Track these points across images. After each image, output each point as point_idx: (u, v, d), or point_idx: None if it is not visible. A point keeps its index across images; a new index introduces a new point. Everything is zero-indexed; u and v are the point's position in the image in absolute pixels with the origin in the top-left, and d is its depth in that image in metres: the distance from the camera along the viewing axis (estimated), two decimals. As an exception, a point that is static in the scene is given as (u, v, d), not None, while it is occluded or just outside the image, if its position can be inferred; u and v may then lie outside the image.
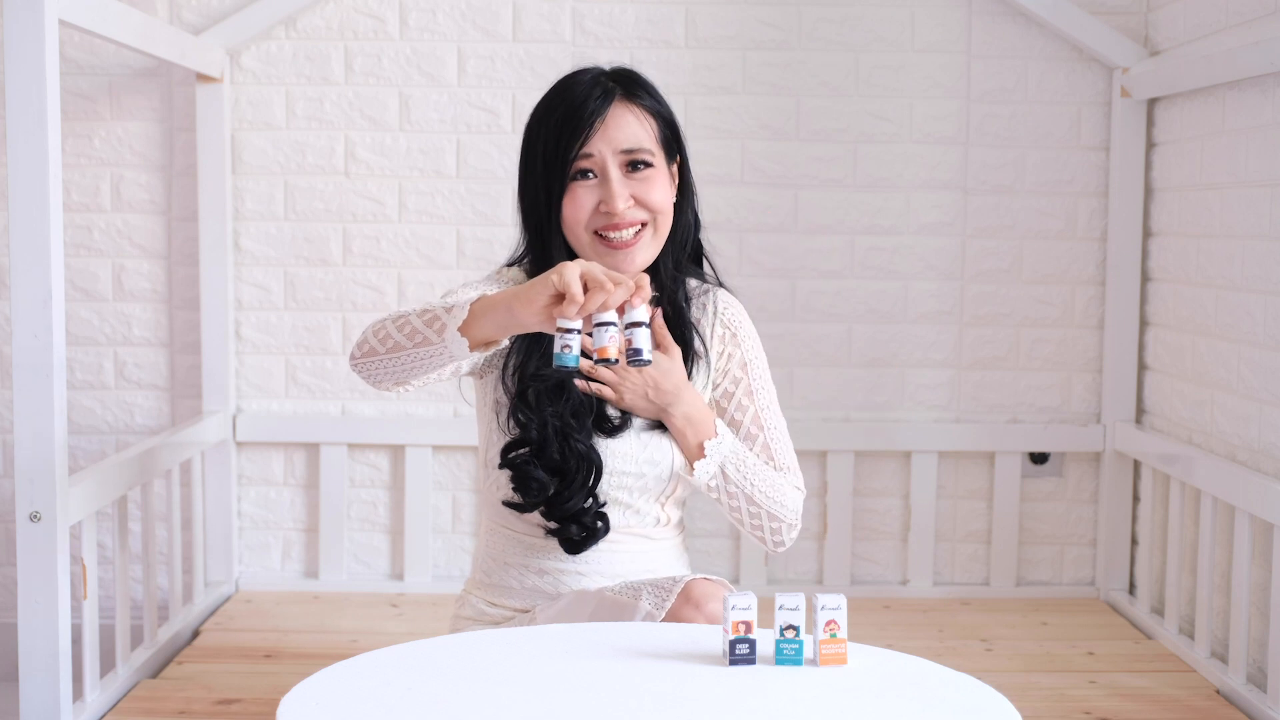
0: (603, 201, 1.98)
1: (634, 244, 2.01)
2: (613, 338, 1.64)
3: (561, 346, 1.64)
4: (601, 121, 1.98)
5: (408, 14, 3.29)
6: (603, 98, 2.00)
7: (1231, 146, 2.86)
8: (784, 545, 2.12)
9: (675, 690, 1.61)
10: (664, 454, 2.07)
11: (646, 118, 2.03)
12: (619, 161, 1.99)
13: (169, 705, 2.59)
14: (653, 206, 2.01)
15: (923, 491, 3.36)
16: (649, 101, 2.04)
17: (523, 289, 1.70)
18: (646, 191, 2.00)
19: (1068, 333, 3.37)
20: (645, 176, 2.01)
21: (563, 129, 1.98)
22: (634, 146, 2.00)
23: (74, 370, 3.35)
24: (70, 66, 3.28)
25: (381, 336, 1.85)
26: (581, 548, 2.05)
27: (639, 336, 1.65)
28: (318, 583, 3.36)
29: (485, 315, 1.75)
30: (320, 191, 3.32)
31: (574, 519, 2.03)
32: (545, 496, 2.02)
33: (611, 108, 2.00)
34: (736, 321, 2.16)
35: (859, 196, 3.33)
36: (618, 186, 1.98)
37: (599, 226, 2.00)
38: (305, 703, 1.57)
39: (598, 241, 2.00)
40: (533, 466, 2.01)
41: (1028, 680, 2.76)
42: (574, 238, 2.01)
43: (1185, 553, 3.03)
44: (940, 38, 3.31)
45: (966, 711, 1.58)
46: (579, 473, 2.01)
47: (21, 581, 2.29)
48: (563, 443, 2.00)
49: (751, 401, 2.13)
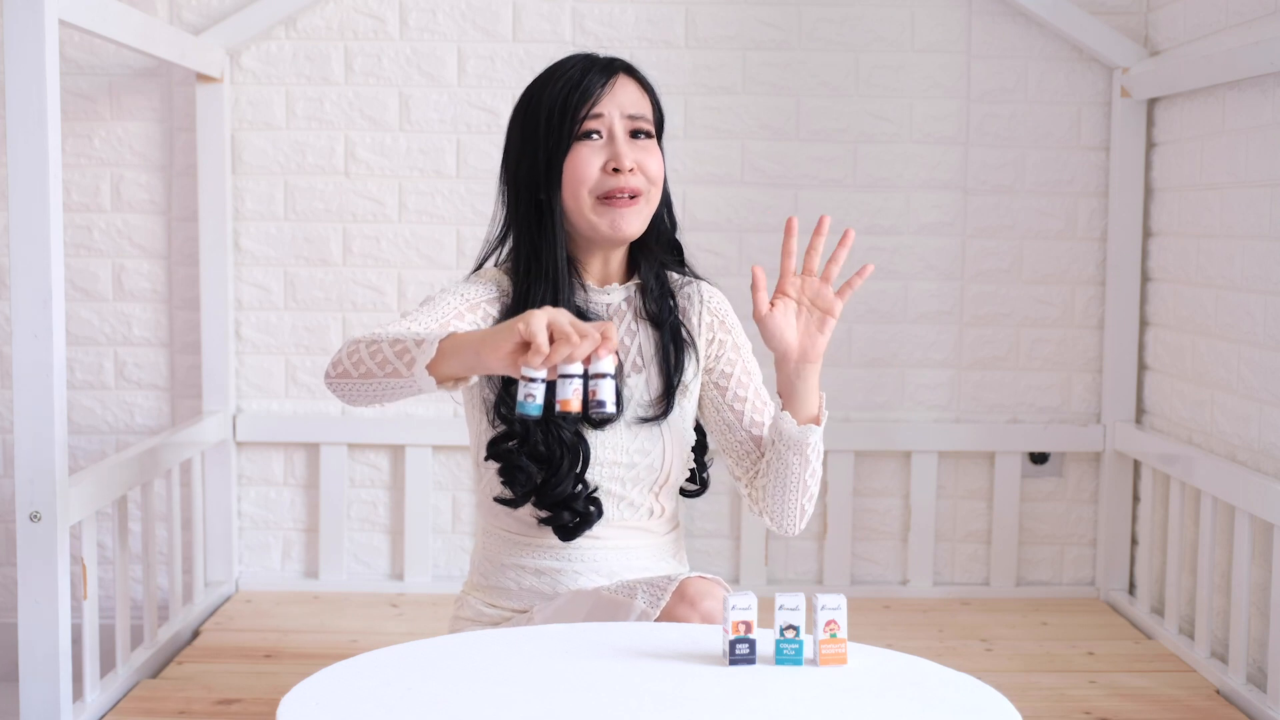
0: (610, 160, 2.01)
1: (633, 206, 2.03)
2: (576, 390, 1.63)
3: (525, 395, 1.64)
4: (611, 85, 2.03)
5: (408, 14, 3.29)
6: (607, 67, 2.06)
7: (1231, 146, 2.86)
8: (799, 529, 2.15)
9: (675, 690, 1.61)
10: (654, 443, 2.08)
11: (645, 94, 2.09)
12: (625, 126, 2.03)
13: (169, 705, 2.59)
14: (650, 175, 2.05)
15: (923, 491, 3.36)
16: (644, 80, 2.11)
17: (490, 334, 1.70)
18: (646, 159, 2.04)
19: (1068, 333, 3.37)
20: (645, 145, 2.05)
21: (571, 92, 2.02)
22: (638, 113, 2.05)
23: (74, 370, 3.35)
24: (70, 66, 3.28)
25: (355, 360, 1.84)
26: (575, 534, 2.06)
27: (603, 388, 1.64)
28: (318, 583, 3.36)
29: (453, 355, 1.74)
30: (320, 191, 3.32)
31: (565, 505, 2.04)
32: (533, 486, 2.03)
33: (617, 77, 2.05)
34: (723, 310, 2.20)
35: (859, 196, 3.33)
36: (624, 146, 2.02)
37: (605, 189, 2.02)
38: (305, 703, 1.57)
39: (599, 203, 2.02)
40: (519, 456, 2.02)
41: (1028, 680, 2.76)
42: (575, 202, 2.02)
43: (1185, 553, 3.03)
44: (940, 38, 3.31)
45: (966, 711, 1.58)
46: (564, 459, 2.02)
47: (21, 581, 2.29)
48: (547, 432, 2.01)
49: (750, 379, 2.18)
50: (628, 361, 2.10)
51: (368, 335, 1.86)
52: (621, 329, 2.11)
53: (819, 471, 2.10)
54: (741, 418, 2.15)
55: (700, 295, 2.18)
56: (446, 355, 1.75)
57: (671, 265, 2.18)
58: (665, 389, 2.10)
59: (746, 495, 2.18)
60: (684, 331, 2.14)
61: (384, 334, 1.85)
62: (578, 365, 1.63)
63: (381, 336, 1.84)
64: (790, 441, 2.06)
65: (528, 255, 2.06)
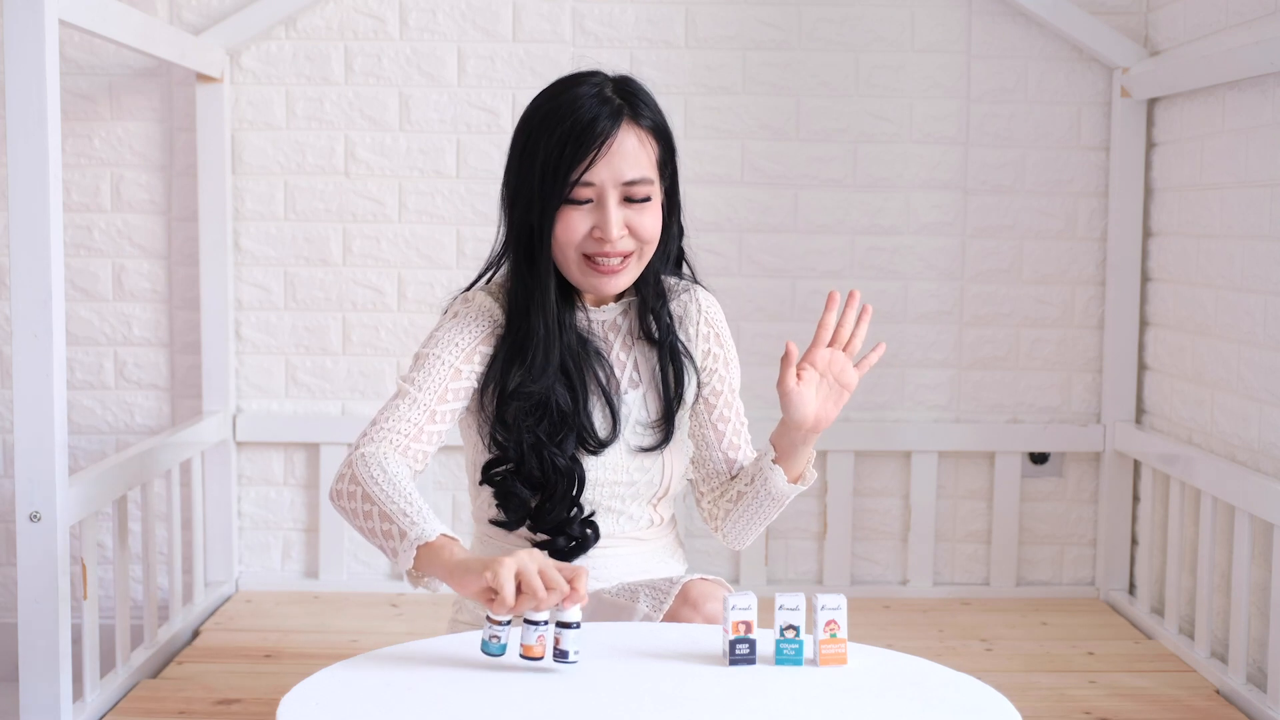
0: (597, 227, 1.96)
1: (620, 270, 1.99)
2: (541, 638, 1.66)
3: (490, 636, 1.67)
4: (608, 146, 1.94)
5: (408, 14, 3.29)
6: (612, 118, 1.95)
7: (1231, 146, 2.86)
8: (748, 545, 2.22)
9: (675, 690, 1.61)
10: (654, 461, 2.06)
11: (648, 139, 1.99)
12: (619, 193, 1.96)
13: (169, 705, 2.59)
14: (644, 238, 1.99)
15: (923, 491, 3.36)
16: (650, 120, 2.01)
17: (461, 568, 1.71)
18: (640, 222, 1.97)
19: (1068, 333, 3.37)
20: (641, 209, 1.98)
21: (566, 146, 1.94)
22: (636, 178, 1.96)
23: (74, 370, 3.35)
24: (70, 66, 3.28)
25: (352, 507, 1.87)
26: (571, 558, 2.04)
27: (568, 638, 1.66)
28: (318, 583, 3.36)
29: (429, 564, 1.76)
30: (320, 191, 3.32)
31: (560, 530, 2.02)
32: (528, 512, 2.02)
33: (619, 131, 1.95)
34: (719, 322, 2.17)
35: (859, 196, 3.33)
36: (614, 215, 1.95)
37: (589, 250, 1.97)
38: (305, 703, 1.57)
39: (585, 263, 1.98)
40: (513, 483, 2.01)
41: (1028, 680, 2.76)
42: (562, 256, 1.98)
43: (1185, 553, 3.03)
44: (940, 38, 3.31)
45: (966, 711, 1.58)
46: (560, 484, 2.00)
47: (21, 581, 2.29)
48: (542, 459, 1.99)
49: (735, 399, 2.17)
50: (624, 378, 2.07)
51: (366, 479, 1.86)
52: (617, 345, 2.08)
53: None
54: (721, 439, 2.15)
55: (698, 304, 2.14)
56: (423, 561, 1.76)
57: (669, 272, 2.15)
58: (664, 413, 2.07)
59: (702, 509, 2.18)
60: (680, 347, 2.10)
61: (378, 493, 1.84)
62: (545, 613, 1.66)
63: (377, 496, 1.83)
64: (774, 493, 2.07)
65: (521, 291, 2.02)
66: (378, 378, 3.35)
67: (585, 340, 2.04)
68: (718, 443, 2.15)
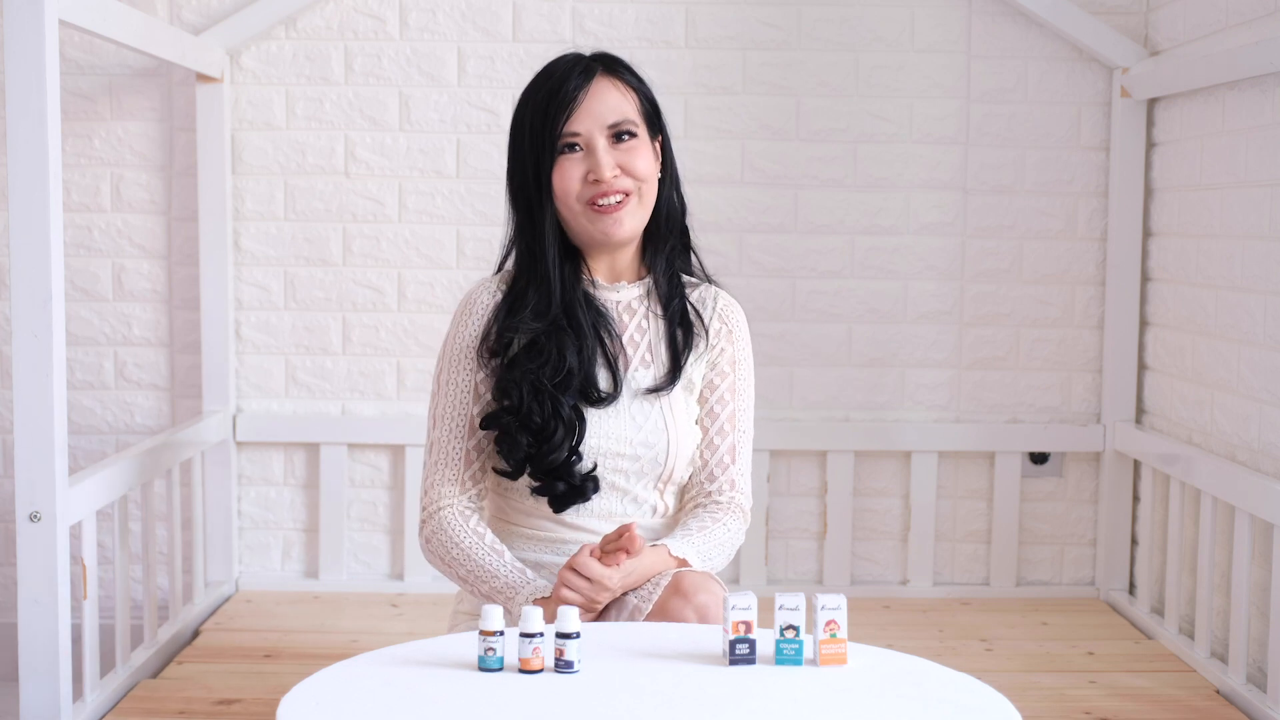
0: (590, 170, 2.06)
1: (621, 208, 2.07)
2: (537, 649, 1.68)
3: (485, 649, 1.70)
4: (585, 95, 2.06)
5: (408, 14, 3.29)
6: (584, 74, 2.08)
7: (1231, 146, 2.86)
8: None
9: (675, 690, 1.61)
10: (658, 435, 2.09)
11: (629, 91, 2.11)
12: (605, 134, 2.07)
13: (169, 705, 2.59)
14: (637, 174, 2.08)
15: (923, 491, 3.36)
16: (630, 78, 2.12)
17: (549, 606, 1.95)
18: (631, 160, 2.07)
19: (1068, 333, 3.37)
20: (630, 146, 2.08)
21: (548, 107, 2.06)
22: (618, 119, 2.07)
23: (74, 370, 3.35)
24: (70, 66, 3.28)
25: (450, 572, 2.09)
26: (566, 504, 2.07)
27: (570, 648, 1.68)
28: (318, 583, 3.36)
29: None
30: (320, 191, 3.32)
31: (557, 474, 2.05)
32: (526, 455, 2.05)
33: (593, 83, 2.07)
34: (735, 320, 2.20)
35: (859, 196, 3.33)
36: (603, 156, 2.06)
37: (589, 196, 2.06)
38: (305, 703, 1.58)
39: (588, 209, 2.07)
40: (514, 426, 2.05)
41: (1028, 680, 2.76)
42: (567, 211, 2.08)
43: (1185, 553, 3.03)
44: (940, 38, 3.31)
45: (966, 711, 1.59)
46: (559, 429, 2.04)
47: (21, 581, 2.29)
48: (542, 404, 2.04)
49: (732, 399, 2.17)
50: (636, 356, 2.12)
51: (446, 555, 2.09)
52: (632, 325, 2.14)
53: (721, 562, 2.12)
54: (705, 433, 2.16)
55: (715, 301, 2.20)
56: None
57: (683, 265, 2.20)
58: (671, 367, 2.12)
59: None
60: (691, 309, 2.16)
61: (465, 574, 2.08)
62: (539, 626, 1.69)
63: (465, 577, 2.08)
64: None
65: (525, 260, 2.12)
66: (378, 378, 3.35)
67: (590, 299, 2.11)
68: (700, 437, 2.16)
